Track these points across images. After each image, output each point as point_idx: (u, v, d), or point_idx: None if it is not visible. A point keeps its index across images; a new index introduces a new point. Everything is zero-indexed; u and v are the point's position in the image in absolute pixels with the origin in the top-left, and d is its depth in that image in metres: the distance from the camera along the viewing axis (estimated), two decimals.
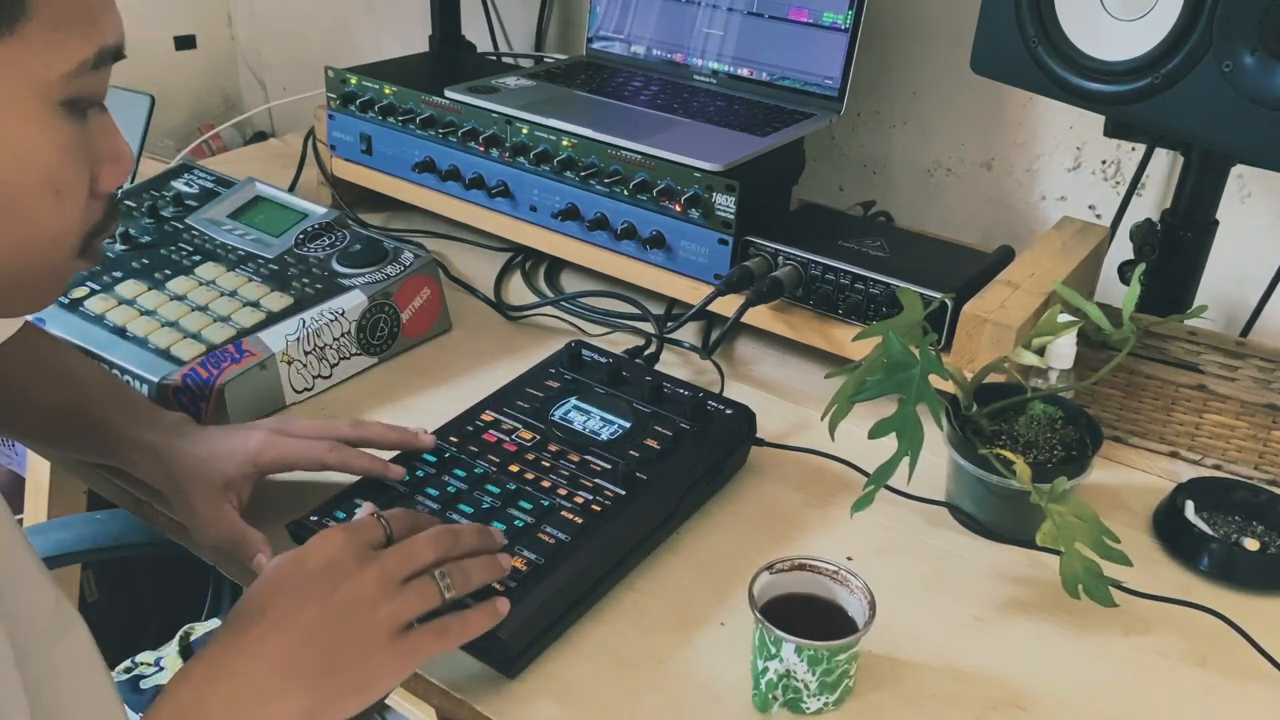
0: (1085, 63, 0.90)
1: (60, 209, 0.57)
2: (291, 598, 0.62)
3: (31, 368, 0.86)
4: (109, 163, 0.59)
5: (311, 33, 1.86)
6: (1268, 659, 0.74)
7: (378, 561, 0.65)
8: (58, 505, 1.33)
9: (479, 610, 0.68)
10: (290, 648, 0.61)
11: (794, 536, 0.85)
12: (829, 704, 0.69)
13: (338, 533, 0.66)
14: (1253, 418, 0.91)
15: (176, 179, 1.20)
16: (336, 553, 0.64)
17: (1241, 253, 1.09)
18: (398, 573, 0.65)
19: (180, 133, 1.83)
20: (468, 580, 0.68)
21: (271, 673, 0.60)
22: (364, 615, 0.63)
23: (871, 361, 0.78)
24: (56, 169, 0.56)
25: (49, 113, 0.55)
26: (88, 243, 0.61)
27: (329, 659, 0.61)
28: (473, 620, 0.67)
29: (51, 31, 0.53)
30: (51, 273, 0.61)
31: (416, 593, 0.65)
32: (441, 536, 0.68)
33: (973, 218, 1.29)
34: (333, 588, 0.63)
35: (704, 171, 1.03)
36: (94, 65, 0.55)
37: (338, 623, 0.62)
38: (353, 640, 0.62)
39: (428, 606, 0.65)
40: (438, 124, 1.20)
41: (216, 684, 0.60)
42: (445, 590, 0.66)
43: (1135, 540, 0.85)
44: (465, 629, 0.67)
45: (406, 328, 1.06)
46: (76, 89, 0.55)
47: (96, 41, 0.55)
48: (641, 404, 0.89)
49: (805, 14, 1.16)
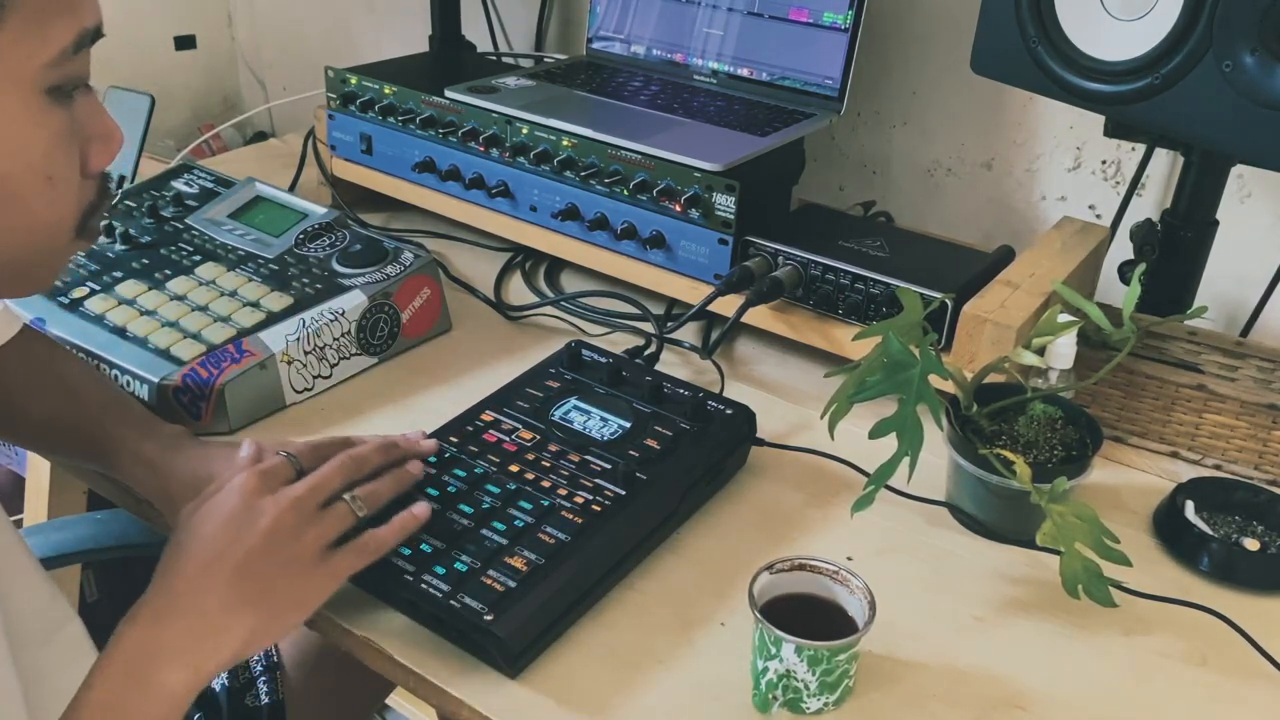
0: (1085, 63, 0.90)
1: (54, 195, 0.58)
2: (220, 539, 0.67)
3: (29, 376, 0.86)
4: (98, 142, 0.60)
5: (311, 33, 1.86)
6: (1268, 659, 0.74)
7: (292, 494, 0.70)
8: (58, 505, 1.33)
9: (392, 525, 0.73)
10: (229, 580, 0.65)
11: (794, 536, 0.85)
12: (829, 704, 0.69)
13: (251, 475, 0.70)
14: (1253, 418, 0.91)
15: (176, 179, 1.20)
16: (252, 491, 0.69)
17: (1241, 253, 1.09)
18: (312, 501, 0.70)
19: (180, 133, 1.83)
20: (377, 498, 0.74)
21: (217, 603, 0.65)
22: (289, 543, 0.68)
23: (871, 361, 0.78)
24: (47, 157, 0.57)
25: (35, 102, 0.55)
26: (84, 223, 0.61)
27: (265, 584, 0.66)
28: (389, 534, 0.72)
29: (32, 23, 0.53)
30: (51, 255, 0.62)
31: (332, 516, 0.71)
32: (346, 463, 0.74)
33: (973, 218, 1.29)
34: (256, 524, 0.67)
35: (704, 171, 1.03)
36: (74, 50, 0.56)
37: (266, 553, 0.67)
38: (283, 566, 0.67)
39: (344, 527, 0.71)
40: (438, 124, 1.20)
41: (167, 622, 0.64)
42: (357, 510, 0.72)
43: (1135, 540, 0.85)
44: (383, 543, 0.72)
45: (406, 328, 1.06)
46: (60, 75, 0.55)
47: (75, 26, 0.55)
48: (641, 404, 0.89)
49: (805, 14, 1.16)
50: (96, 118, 0.60)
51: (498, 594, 0.70)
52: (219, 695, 0.97)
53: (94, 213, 0.62)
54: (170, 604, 0.65)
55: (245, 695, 0.98)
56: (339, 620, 0.74)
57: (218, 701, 0.97)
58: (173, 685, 0.63)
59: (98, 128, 0.60)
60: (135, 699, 0.62)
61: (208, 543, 0.66)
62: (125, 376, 0.93)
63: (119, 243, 1.09)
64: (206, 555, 0.66)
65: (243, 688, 0.98)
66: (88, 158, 0.60)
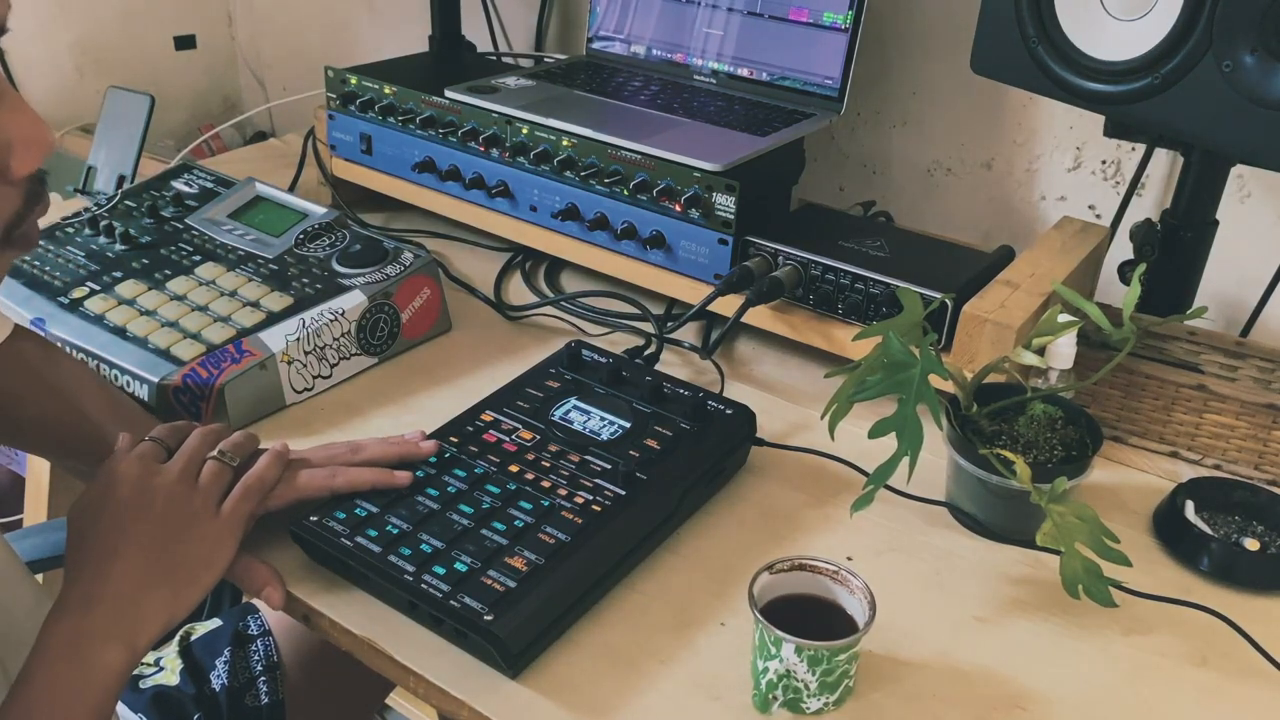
0: (1085, 63, 0.90)
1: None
2: (117, 525, 0.71)
3: (24, 378, 0.86)
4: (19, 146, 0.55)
5: (311, 33, 1.86)
6: (1268, 659, 0.74)
7: (171, 468, 0.75)
8: (58, 505, 1.33)
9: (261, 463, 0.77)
10: (140, 560, 0.69)
11: (794, 536, 0.85)
12: (829, 704, 0.69)
13: (131, 462, 0.74)
14: (1253, 418, 0.91)
15: (176, 179, 1.20)
16: (136, 477, 0.73)
17: (1241, 253, 1.09)
18: (191, 468, 0.75)
19: (180, 133, 1.83)
20: (241, 448, 0.78)
21: (131, 585, 0.68)
22: (183, 509, 0.73)
23: (871, 361, 0.78)
24: None
25: None
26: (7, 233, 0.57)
27: (172, 554, 0.71)
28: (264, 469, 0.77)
29: None
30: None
31: (210, 473, 0.75)
32: (207, 433, 0.79)
33: (973, 218, 1.29)
34: (149, 502, 0.72)
35: (704, 171, 1.03)
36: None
37: (165, 525, 0.71)
38: (181, 532, 0.72)
39: (224, 479, 0.76)
40: (438, 124, 1.20)
41: (91, 609, 0.67)
42: (230, 462, 0.77)
43: (1135, 540, 0.85)
44: (263, 478, 0.77)
45: (406, 328, 1.06)
46: None
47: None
48: (641, 404, 0.89)
49: (805, 14, 1.16)
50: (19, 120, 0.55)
51: (498, 594, 0.70)
52: (219, 695, 0.97)
53: (20, 222, 0.58)
54: (89, 592, 0.68)
55: (245, 695, 0.98)
56: (339, 620, 0.75)
57: (218, 701, 0.97)
58: (110, 662, 0.66)
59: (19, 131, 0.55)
60: (78, 680, 0.65)
61: (109, 531, 0.70)
62: (125, 376, 0.93)
63: (119, 243, 1.09)
64: (111, 542, 0.70)
65: (242, 688, 0.98)
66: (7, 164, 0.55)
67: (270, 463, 0.78)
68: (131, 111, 1.29)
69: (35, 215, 0.60)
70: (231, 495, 0.75)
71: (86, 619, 0.67)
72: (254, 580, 0.76)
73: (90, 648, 0.65)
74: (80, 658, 0.65)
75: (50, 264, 1.06)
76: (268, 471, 0.77)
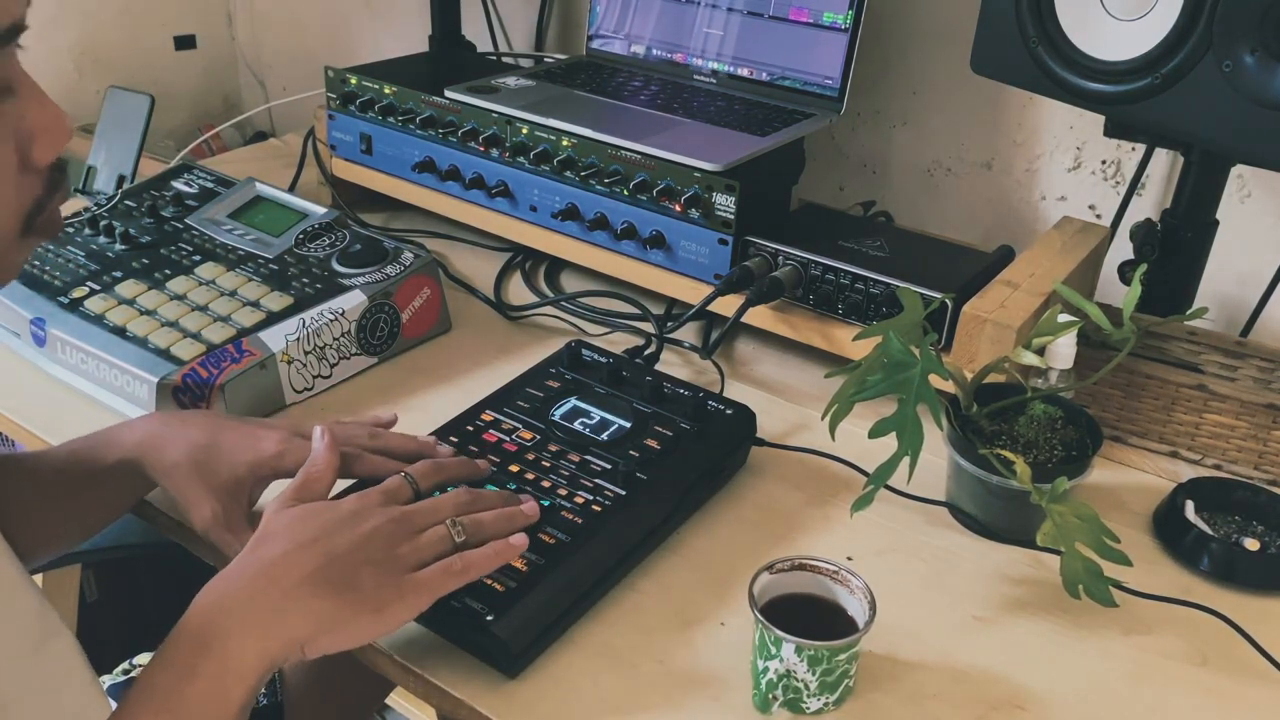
0: (1085, 63, 0.90)
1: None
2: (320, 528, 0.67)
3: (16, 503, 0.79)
4: (40, 134, 0.57)
5: (311, 33, 1.86)
6: (1268, 659, 0.74)
7: (400, 510, 0.70)
8: None
9: (486, 551, 0.70)
10: (316, 561, 0.65)
11: (794, 536, 0.85)
12: (829, 704, 0.69)
13: (373, 491, 0.72)
14: (1253, 418, 0.91)
15: (176, 179, 1.20)
16: (368, 501, 0.70)
17: (1241, 253, 1.09)
18: (417, 520, 0.70)
19: (180, 133, 1.83)
20: (480, 529, 0.72)
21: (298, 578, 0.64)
22: (383, 548, 0.67)
23: (871, 361, 0.78)
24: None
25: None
26: (29, 221, 0.59)
27: (350, 576, 0.65)
28: (482, 559, 0.70)
29: None
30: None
31: (431, 535, 0.70)
32: (461, 494, 0.74)
33: (973, 218, 1.29)
34: (357, 524, 0.68)
35: (704, 171, 1.03)
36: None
37: (359, 549, 0.66)
38: (371, 565, 0.66)
39: (440, 549, 0.69)
40: (438, 124, 1.20)
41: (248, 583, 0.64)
42: (456, 535, 0.70)
43: (1135, 540, 0.85)
44: (473, 566, 0.69)
45: (406, 328, 1.06)
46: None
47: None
48: (641, 404, 0.89)
49: (805, 14, 1.16)
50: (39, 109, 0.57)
51: (498, 594, 0.70)
52: None
53: (41, 209, 0.59)
54: (255, 567, 0.65)
55: None
56: None
57: None
58: (238, 652, 0.61)
59: (40, 119, 0.57)
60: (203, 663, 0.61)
61: (308, 528, 0.67)
62: (125, 376, 0.93)
63: (119, 243, 1.09)
64: (303, 537, 0.66)
65: None
66: (30, 152, 0.57)
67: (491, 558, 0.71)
68: (131, 111, 1.29)
69: (57, 202, 0.61)
70: (436, 566, 0.68)
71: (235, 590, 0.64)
72: None
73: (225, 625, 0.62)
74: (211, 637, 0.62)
75: (50, 264, 1.06)
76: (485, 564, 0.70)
